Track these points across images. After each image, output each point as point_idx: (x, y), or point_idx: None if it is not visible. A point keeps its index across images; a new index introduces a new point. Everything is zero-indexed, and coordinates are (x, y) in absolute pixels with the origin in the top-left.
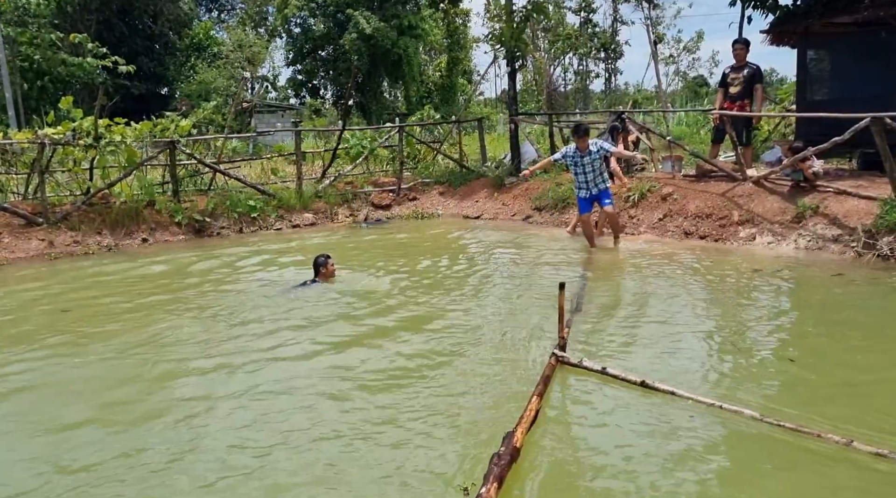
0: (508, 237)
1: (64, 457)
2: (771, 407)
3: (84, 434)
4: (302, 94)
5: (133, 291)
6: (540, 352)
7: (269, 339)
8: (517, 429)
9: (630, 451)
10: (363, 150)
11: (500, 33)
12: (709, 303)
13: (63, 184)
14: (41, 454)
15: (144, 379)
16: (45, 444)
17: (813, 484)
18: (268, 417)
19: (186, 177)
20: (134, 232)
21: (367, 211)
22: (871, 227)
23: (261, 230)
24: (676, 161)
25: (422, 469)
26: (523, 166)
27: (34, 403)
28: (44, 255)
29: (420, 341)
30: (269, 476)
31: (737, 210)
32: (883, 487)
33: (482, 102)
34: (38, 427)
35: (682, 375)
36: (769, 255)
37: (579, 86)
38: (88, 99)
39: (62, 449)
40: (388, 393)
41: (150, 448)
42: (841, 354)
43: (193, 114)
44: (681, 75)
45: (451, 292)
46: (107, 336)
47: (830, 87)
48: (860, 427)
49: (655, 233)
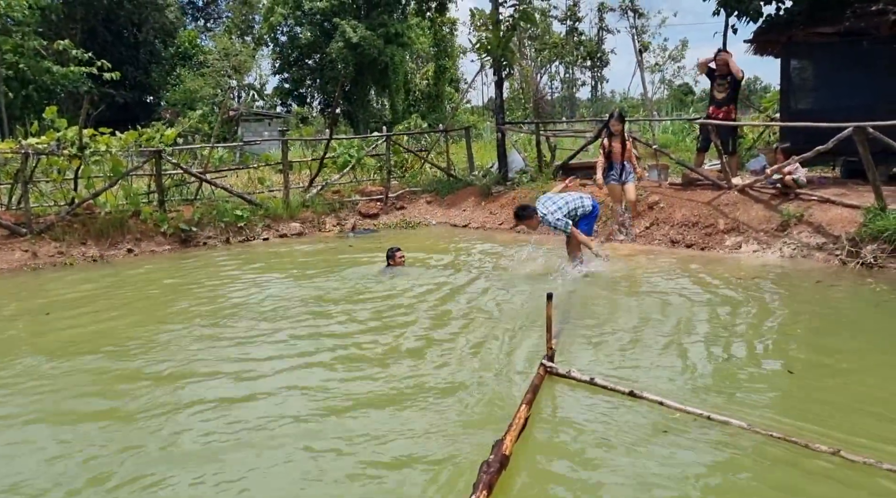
0: (495, 246)
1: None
2: (768, 416)
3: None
4: (289, 103)
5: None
6: (528, 363)
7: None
8: (506, 436)
9: (618, 460)
10: (350, 159)
11: (487, 42)
12: (697, 312)
13: (47, 194)
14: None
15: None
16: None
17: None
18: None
19: (172, 186)
20: (119, 242)
21: (354, 220)
22: (855, 236)
23: (248, 240)
24: (662, 169)
25: (409, 476)
26: (511, 175)
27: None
28: (27, 266)
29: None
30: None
31: (722, 218)
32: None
33: (469, 111)
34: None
35: (669, 384)
36: (755, 263)
37: (566, 94)
38: (73, 108)
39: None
40: (370, 405)
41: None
42: (831, 362)
43: (179, 123)
44: (666, 83)
45: (437, 301)
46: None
47: (814, 97)
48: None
49: (642, 241)
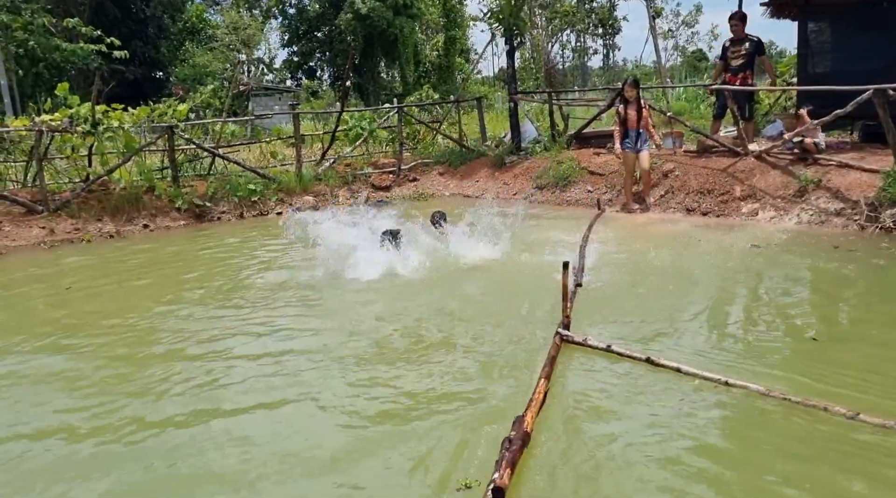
0: (511, 216)
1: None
2: (794, 383)
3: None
4: (298, 76)
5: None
6: (543, 331)
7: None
8: (527, 413)
9: (640, 429)
10: (362, 132)
11: (498, 10)
12: (714, 280)
13: (62, 171)
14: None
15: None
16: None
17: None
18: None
19: (185, 162)
20: (135, 218)
21: (367, 192)
22: (874, 200)
23: (262, 214)
24: (677, 137)
25: (430, 452)
26: (524, 145)
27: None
28: (45, 243)
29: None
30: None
31: (739, 185)
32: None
33: (480, 81)
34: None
35: (687, 351)
36: (772, 230)
37: (577, 63)
38: (84, 85)
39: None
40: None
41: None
42: (856, 328)
43: (191, 98)
44: (680, 50)
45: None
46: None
47: (832, 60)
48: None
49: (657, 210)
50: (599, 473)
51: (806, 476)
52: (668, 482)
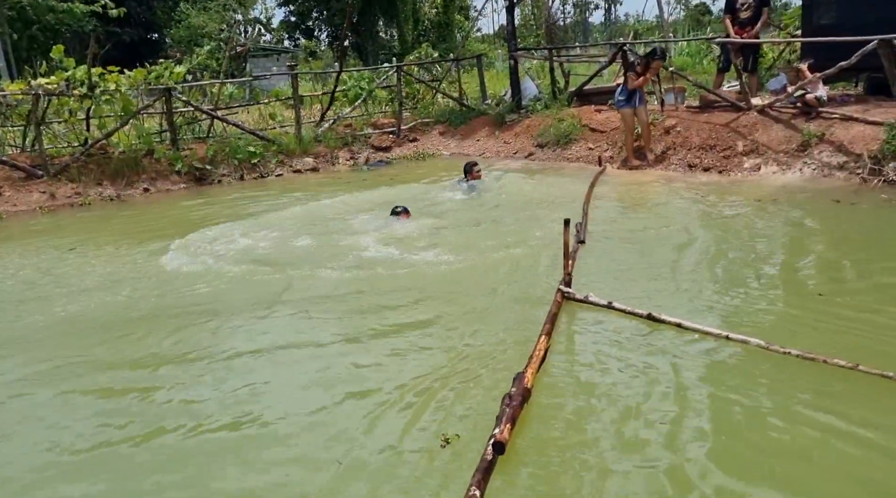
0: (514, 174)
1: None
2: (800, 338)
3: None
4: (296, 37)
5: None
6: (544, 289)
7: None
8: (527, 369)
9: (640, 385)
10: (361, 92)
11: None
12: (716, 235)
13: (60, 135)
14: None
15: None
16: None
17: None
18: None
19: (184, 124)
20: (135, 182)
21: (367, 153)
22: (878, 153)
23: (262, 177)
24: (679, 92)
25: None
26: (524, 103)
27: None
28: (45, 207)
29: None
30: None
31: (741, 140)
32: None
33: (480, 39)
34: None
35: (689, 307)
36: (775, 184)
37: (578, 18)
38: (79, 48)
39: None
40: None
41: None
42: (858, 283)
43: (188, 60)
44: (682, 3)
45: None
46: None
47: (837, 10)
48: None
49: (659, 166)
50: (599, 429)
51: (800, 424)
52: (668, 437)
